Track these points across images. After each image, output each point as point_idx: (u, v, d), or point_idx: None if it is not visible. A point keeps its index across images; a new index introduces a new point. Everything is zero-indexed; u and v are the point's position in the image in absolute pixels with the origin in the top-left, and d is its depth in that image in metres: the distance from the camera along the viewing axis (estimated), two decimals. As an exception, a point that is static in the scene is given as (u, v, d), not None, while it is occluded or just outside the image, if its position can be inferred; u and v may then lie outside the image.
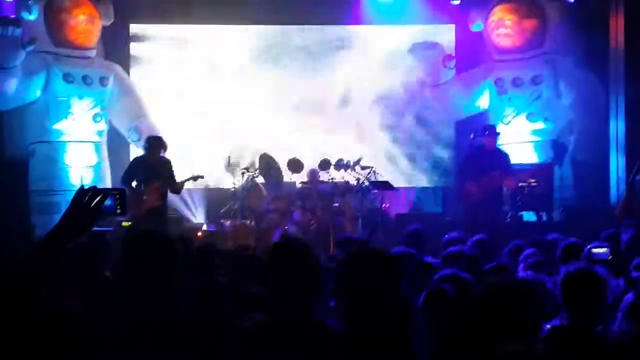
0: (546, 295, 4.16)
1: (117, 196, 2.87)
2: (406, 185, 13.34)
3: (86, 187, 2.78)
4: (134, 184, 10.19)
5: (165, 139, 10.68)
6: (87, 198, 2.73)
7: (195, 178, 10.61)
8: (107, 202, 2.81)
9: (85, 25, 12.27)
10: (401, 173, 13.49)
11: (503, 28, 12.75)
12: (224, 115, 13.24)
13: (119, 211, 2.87)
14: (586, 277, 3.87)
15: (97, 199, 2.75)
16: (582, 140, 12.16)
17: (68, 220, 2.69)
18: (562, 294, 3.89)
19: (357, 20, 13.36)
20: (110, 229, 9.71)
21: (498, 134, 11.21)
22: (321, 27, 13.73)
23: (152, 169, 10.20)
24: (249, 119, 13.35)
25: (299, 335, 3.24)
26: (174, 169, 10.44)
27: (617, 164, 11.98)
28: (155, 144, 10.39)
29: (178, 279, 3.25)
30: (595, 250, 5.57)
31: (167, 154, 10.53)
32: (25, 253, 2.70)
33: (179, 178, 10.44)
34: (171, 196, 10.77)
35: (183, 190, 10.88)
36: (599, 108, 12.18)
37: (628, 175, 10.95)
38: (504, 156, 11.11)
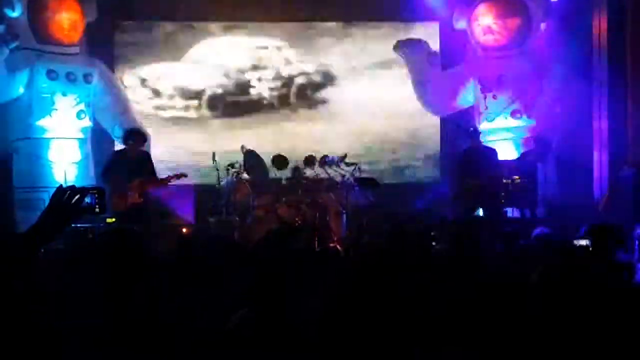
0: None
1: (97, 194, 2.87)
2: (392, 181, 13.38)
3: (65, 185, 2.78)
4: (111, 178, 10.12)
5: (148, 133, 10.66)
6: (65, 197, 2.74)
7: (178, 176, 10.57)
8: (86, 200, 2.81)
9: (69, 22, 12.20)
10: (386, 169, 13.56)
11: (487, 26, 12.79)
12: (209, 111, 13.30)
13: (97, 210, 2.87)
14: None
15: (75, 197, 2.75)
16: (565, 137, 12.22)
17: (45, 220, 2.69)
18: None
19: (341, 17, 13.38)
20: (95, 225, 9.67)
21: (479, 133, 11.43)
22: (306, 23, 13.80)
23: (133, 163, 10.16)
24: (234, 115, 13.41)
25: (284, 330, 3.25)
26: (154, 162, 10.43)
27: (600, 161, 12.07)
28: (135, 137, 10.35)
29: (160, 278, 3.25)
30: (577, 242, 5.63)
31: (152, 151, 10.50)
32: (6, 249, 2.70)
33: (161, 175, 10.41)
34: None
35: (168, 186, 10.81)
36: (582, 105, 12.25)
37: (611, 172, 11.06)
38: (493, 153, 11.30)
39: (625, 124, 11.63)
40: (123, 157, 10.27)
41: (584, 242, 5.62)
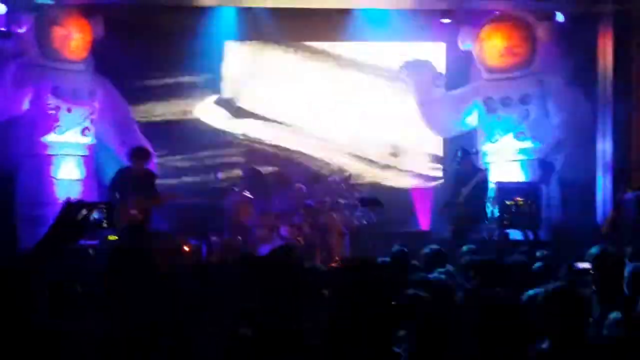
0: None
1: (105, 209, 2.86)
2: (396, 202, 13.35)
3: (72, 200, 2.77)
4: (117, 196, 10.10)
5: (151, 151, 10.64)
6: (73, 211, 2.72)
7: (174, 196, 10.53)
8: (95, 215, 2.80)
9: (76, 38, 12.25)
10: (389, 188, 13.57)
11: (492, 47, 12.82)
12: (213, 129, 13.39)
13: (106, 224, 2.86)
14: (567, 297, 3.77)
15: (84, 212, 2.74)
16: (569, 160, 12.21)
17: (54, 233, 2.68)
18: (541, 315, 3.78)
19: (347, 37, 13.40)
20: (95, 242, 9.64)
21: (471, 155, 11.46)
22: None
23: (136, 180, 10.15)
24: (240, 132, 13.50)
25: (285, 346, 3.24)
26: (156, 181, 10.42)
27: (603, 183, 12.05)
28: (139, 155, 10.35)
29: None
30: (579, 264, 5.62)
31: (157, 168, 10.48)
32: (10, 264, 2.68)
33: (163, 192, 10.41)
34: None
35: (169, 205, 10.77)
36: (586, 128, 12.25)
37: (614, 194, 11.03)
38: (482, 174, 11.33)
39: (629, 146, 11.62)
40: (127, 175, 10.26)
41: (585, 265, 5.61)
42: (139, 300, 3.13)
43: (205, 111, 13.63)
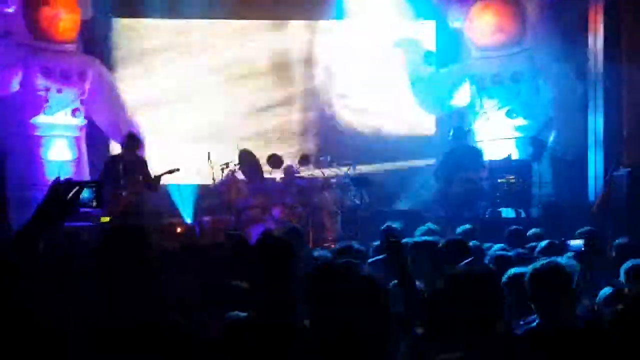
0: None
1: (94, 188, 2.83)
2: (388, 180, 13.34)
3: (61, 179, 2.74)
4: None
5: (145, 134, 10.58)
6: (62, 190, 2.70)
7: (171, 171, 10.49)
8: (84, 194, 2.77)
9: (65, 19, 12.15)
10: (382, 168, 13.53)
11: (483, 25, 12.79)
12: (205, 111, 13.30)
13: (95, 204, 2.82)
14: (553, 273, 3.75)
15: (73, 191, 2.71)
16: (560, 137, 12.23)
17: (42, 213, 2.65)
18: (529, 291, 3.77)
19: (338, 15, 13.36)
20: (88, 224, 9.61)
21: (466, 133, 11.45)
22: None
23: (129, 167, 10.10)
24: (231, 114, 13.42)
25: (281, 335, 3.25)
26: (150, 168, 10.39)
27: (595, 160, 12.05)
28: (131, 142, 10.29)
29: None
30: (571, 242, 5.62)
31: (147, 150, 10.43)
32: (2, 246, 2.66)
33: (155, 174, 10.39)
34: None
35: (161, 187, 10.75)
36: (577, 105, 12.25)
37: (606, 172, 11.05)
38: (475, 152, 11.30)
39: (621, 123, 11.62)
40: (118, 161, 10.20)
41: (578, 242, 5.62)
42: (132, 279, 3.10)
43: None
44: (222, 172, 11.73)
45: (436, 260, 4.96)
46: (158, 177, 10.26)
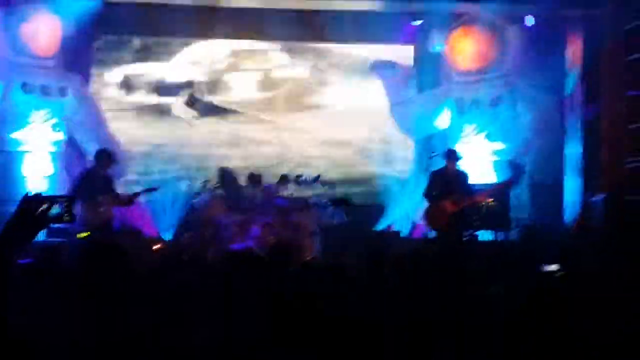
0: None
1: (66, 203, 2.80)
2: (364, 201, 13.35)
3: (30, 194, 2.71)
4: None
5: (125, 149, 10.52)
6: (31, 205, 2.67)
7: (149, 190, 10.45)
8: (55, 209, 2.74)
9: (45, 34, 12.13)
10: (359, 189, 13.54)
11: (463, 50, 12.88)
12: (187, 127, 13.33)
13: (67, 218, 2.79)
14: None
15: (43, 206, 2.69)
16: (538, 161, 12.31)
17: (11, 229, 2.62)
18: None
19: (317, 38, 13.40)
20: (67, 240, 9.54)
21: (459, 157, 11.41)
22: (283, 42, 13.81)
23: (102, 182, 10.03)
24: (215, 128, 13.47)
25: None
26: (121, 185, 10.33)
27: (572, 184, 12.15)
28: (104, 157, 10.20)
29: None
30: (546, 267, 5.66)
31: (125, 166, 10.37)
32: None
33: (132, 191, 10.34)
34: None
35: (140, 203, 10.70)
36: (555, 130, 12.35)
37: (583, 197, 11.13)
38: (464, 177, 11.27)
39: (599, 148, 11.71)
40: (90, 176, 10.09)
41: (553, 267, 5.65)
42: (116, 297, 3.09)
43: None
44: (203, 188, 11.71)
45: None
46: (133, 196, 10.20)
